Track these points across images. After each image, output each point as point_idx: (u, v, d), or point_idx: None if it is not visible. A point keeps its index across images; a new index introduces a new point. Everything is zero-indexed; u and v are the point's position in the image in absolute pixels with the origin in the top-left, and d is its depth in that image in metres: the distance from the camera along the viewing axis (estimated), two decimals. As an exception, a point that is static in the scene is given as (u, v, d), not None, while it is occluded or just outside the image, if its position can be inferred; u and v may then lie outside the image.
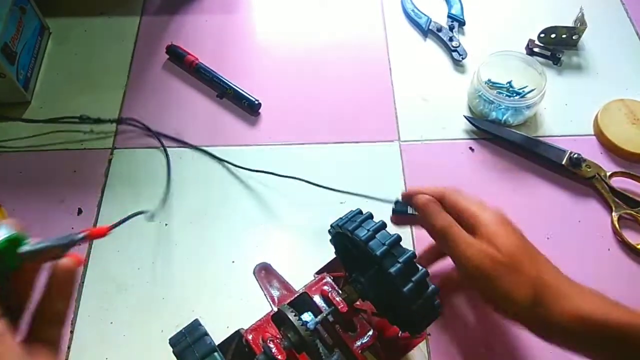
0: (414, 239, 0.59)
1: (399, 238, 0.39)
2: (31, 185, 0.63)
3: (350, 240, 0.42)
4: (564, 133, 0.68)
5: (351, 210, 0.43)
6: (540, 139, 0.65)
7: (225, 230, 0.60)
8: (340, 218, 0.43)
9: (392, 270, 0.38)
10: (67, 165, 0.64)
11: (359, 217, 0.42)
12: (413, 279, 0.38)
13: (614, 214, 0.60)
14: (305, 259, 0.57)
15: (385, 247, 0.38)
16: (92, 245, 0.59)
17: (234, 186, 0.63)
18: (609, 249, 0.59)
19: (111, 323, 0.54)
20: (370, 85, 0.72)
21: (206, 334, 0.38)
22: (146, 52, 0.75)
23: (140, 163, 0.65)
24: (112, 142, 0.67)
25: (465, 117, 0.68)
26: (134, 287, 0.56)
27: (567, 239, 0.59)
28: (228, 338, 0.46)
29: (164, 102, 0.70)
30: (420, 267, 0.39)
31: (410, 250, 0.39)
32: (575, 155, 0.62)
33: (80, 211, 0.61)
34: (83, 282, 0.56)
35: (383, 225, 0.41)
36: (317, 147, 0.66)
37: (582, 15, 0.73)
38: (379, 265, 0.39)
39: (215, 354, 0.37)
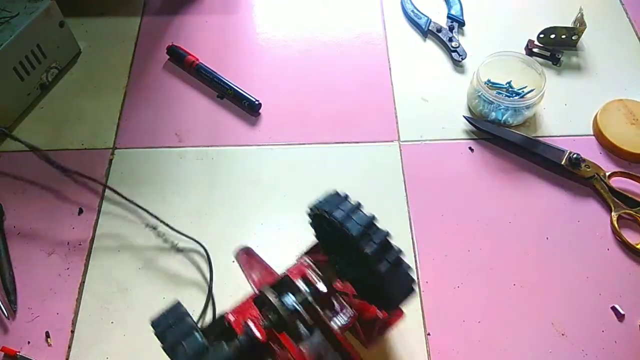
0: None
1: (374, 218, 0.40)
2: (32, 185, 0.63)
3: (328, 221, 0.42)
4: (564, 133, 0.68)
5: (329, 193, 0.44)
6: (540, 139, 0.66)
7: (225, 230, 0.60)
8: (319, 200, 0.44)
9: (368, 250, 0.39)
10: (68, 165, 0.64)
11: (336, 199, 0.42)
12: (388, 258, 0.39)
13: (613, 213, 0.60)
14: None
15: (361, 228, 0.39)
16: (93, 246, 0.59)
17: (232, 186, 0.63)
18: (608, 249, 0.59)
19: (111, 323, 0.54)
20: (370, 85, 0.72)
21: (187, 314, 0.39)
22: (147, 52, 0.75)
23: (141, 163, 0.65)
24: (113, 142, 0.67)
25: (465, 117, 0.68)
26: (135, 287, 0.56)
27: (566, 239, 0.59)
28: (214, 321, 0.47)
29: (164, 102, 0.71)
30: (395, 247, 0.40)
31: (385, 230, 0.40)
32: (575, 155, 0.63)
33: (81, 211, 0.61)
34: (83, 282, 0.57)
35: (359, 206, 0.41)
36: (317, 147, 0.67)
37: (582, 15, 0.73)
38: (355, 245, 0.39)
39: (195, 332, 0.37)
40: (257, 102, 0.69)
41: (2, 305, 0.54)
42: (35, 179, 0.64)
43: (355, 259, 0.43)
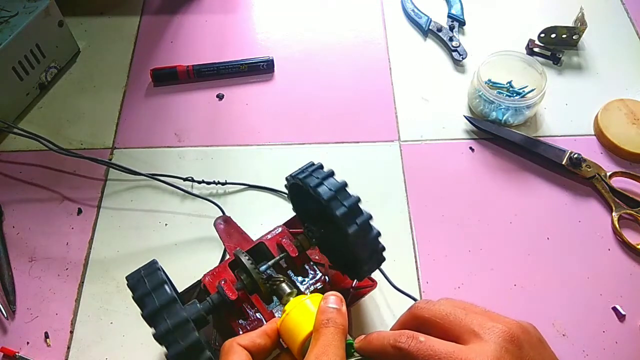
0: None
1: (345, 184, 0.41)
2: (31, 185, 0.63)
3: (302, 189, 0.43)
4: (564, 133, 0.68)
5: (306, 163, 0.45)
6: (540, 138, 0.65)
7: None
8: (296, 170, 0.45)
9: (338, 212, 0.39)
10: (67, 165, 0.64)
11: (310, 168, 0.44)
12: (357, 221, 0.40)
13: (614, 214, 0.60)
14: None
15: (331, 192, 0.40)
16: (92, 246, 0.59)
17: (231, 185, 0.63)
18: (609, 249, 0.59)
19: (111, 323, 0.54)
20: (370, 85, 0.72)
21: (159, 269, 0.40)
22: (146, 51, 0.75)
23: (140, 163, 0.65)
24: (112, 142, 0.67)
25: (465, 117, 0.68)
26: (134, 287, 0.56)
27: (567, 239, 0.59)
28: (192, 285, 0.49)
29: (163, 102, 0.70)
30: (364, 211, 0.41)
31: (355, 196, 0.41)
32: (576, 155, 0.62)
33: (80, 211, 0.61)
34: (83, 282, 0.56)
35: (331, 174, 0.42)
36: (317, 147, 0.66)
37: (582, 15, 0.73)
38: (326, 209, 0.40)
39: (166, 286, 0.38)
40: (270, 59, 0.72)
41: (1, 306, 0.54)
42: (34, 179, 0.64)
43: (328, 225, 0.45)
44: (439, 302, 0.32)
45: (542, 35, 0.74)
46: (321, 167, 0.44)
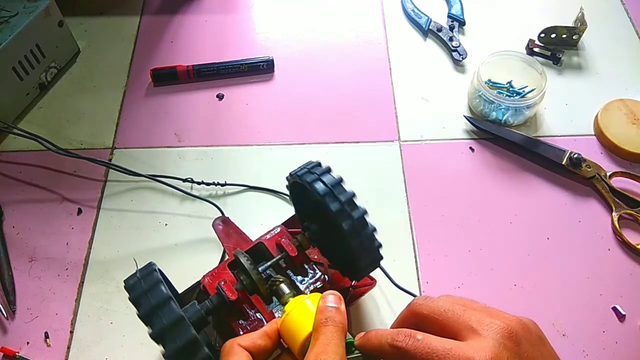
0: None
1: (340, 179, 0.42)
2: (31, 185, 0.63)
3: (302, 186, 0.43)
4: (564, 133, 0.68)
5: (308, 162, 0.46)
6: (540, 139, 0.65)
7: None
8: (296, 168, 0.45)
9: (332, 207, 0.40)
10: (67, 165, 0.64)
11: (309, 165, 0.44)
12: (352, 216, 0.40)
13: (614, 214, 0.60)
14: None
15: (327, 188, 0.40)
16: (92, 246, 0.59)
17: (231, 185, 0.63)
18: (609, 249, 0.59)
19: (111, 323, 0.54)
20: (370, 85, 0.72)
21: (155, 270, 0.39)
22: (146, 51, 0.75)
23: (140, 163, 0.65)
24: (112, 142, 0.67)
25: (465, 117, 0.68)
26: (134, 287, 0.56)
27: (567, 239, 0.59)
28: (192, 286, 0.49)
29: (163, 102, 0.70)
30: (359, 206, 0.41)
31: (351, 191, 0.41)
32: (575, 155, 0.62)
33: (80, 211, 0.61)
34: (83, 282, 0.56)
35: (328, 170, 0.43)
36: (317, 147, 0.66)
37: (582, 15, 0.73)
38: (322, 205, 0.40)
39: (161, 285, 0.38)
40: (270, 59, 0.72)
41: (1, 306, 0.54)
42: (34, 179, 0.64)
43: (325, 224, 0.45)
44: (438, 299, 0.32)
45: (542, 35, 0.74)
46: (319, 164, 0.44)
